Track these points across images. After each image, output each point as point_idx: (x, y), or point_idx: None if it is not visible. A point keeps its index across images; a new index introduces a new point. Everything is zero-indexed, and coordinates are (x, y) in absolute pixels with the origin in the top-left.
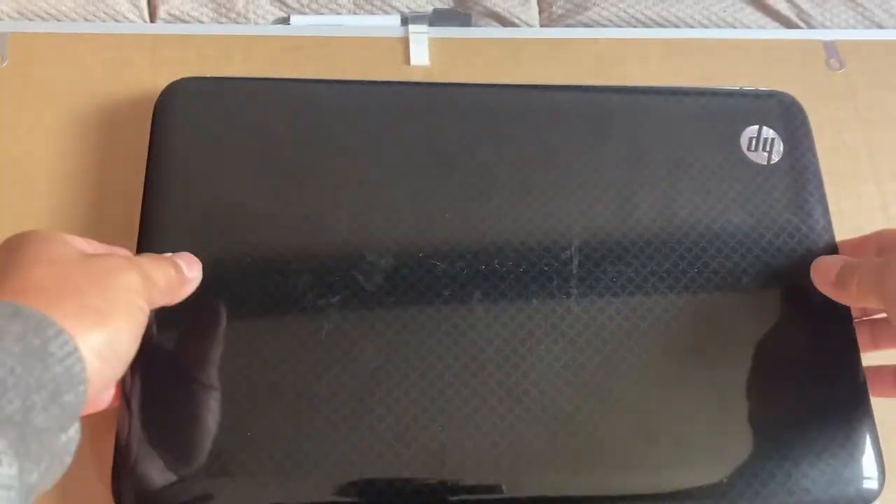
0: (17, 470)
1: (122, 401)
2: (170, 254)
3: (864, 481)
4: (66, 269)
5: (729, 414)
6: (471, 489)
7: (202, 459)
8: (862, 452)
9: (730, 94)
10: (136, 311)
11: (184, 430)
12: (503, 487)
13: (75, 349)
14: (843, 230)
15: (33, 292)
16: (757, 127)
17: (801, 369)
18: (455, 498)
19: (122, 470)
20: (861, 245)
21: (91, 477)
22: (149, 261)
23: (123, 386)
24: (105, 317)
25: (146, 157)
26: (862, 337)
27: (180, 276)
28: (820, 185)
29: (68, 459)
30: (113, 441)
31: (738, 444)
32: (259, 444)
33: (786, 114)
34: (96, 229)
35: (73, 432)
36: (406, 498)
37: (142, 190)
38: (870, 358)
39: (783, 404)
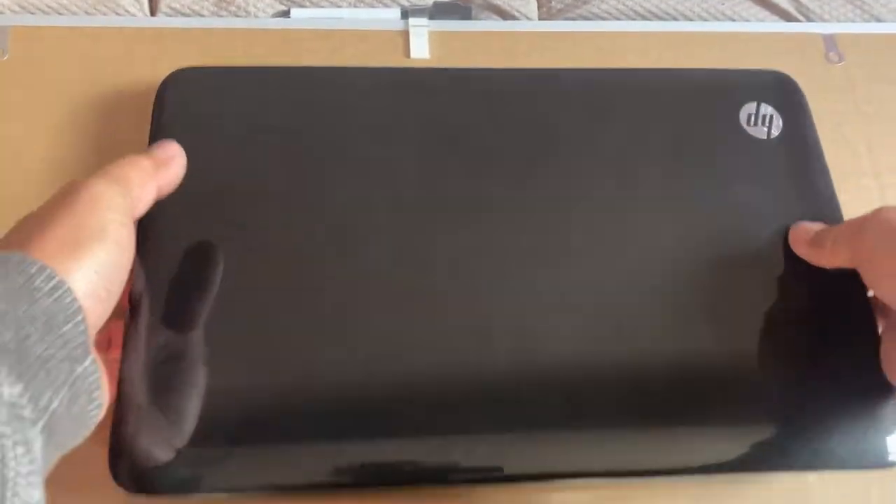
0: (21, 388)
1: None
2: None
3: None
4: (41, 209)
5: (737, 381)
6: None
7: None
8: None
9: (726, 73)
10: (116, 227)
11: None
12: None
13: (63, 282)
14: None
15: (14, 237)
16: (755, 103)
17: (811, 339)
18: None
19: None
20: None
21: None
22: (115, 165)
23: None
24: (79, 247)
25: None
26: None
27: (157, 160)
28: (821, 156)
29: (97, 393)
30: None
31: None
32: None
33: (782, 90)
34: None
35: (90, 364)
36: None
37: None
38: None
39: (795, 373)
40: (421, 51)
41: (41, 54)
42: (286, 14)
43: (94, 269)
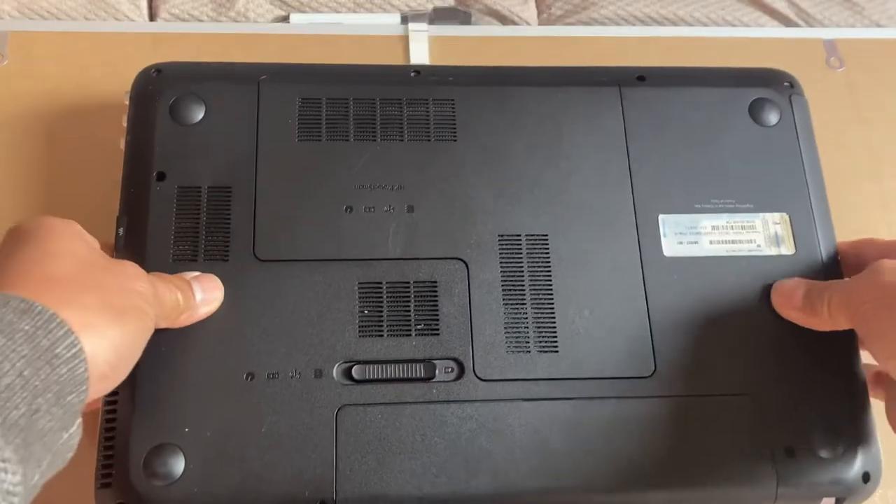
0: (20, 476)
1: None
2: (195, 273)
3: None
4: (88, 263)
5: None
6: None
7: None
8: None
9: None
10: (148, 319)
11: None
12: None
13: (81, 351)
14: (844, 228)
15: (55, 283)
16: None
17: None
18: None
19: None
20: (844, 251)
21: None
22: (161, 279)
23: None
24: (123, 316)
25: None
26: None
27: (187, 302)
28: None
29: (69, 455)
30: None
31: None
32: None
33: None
34: (97, 226)
35: (75, 429)
36: None
37: None
38: None
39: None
40: (421, 56)
41: (40, 59)
42: (286, 19)
43: (126, 335)
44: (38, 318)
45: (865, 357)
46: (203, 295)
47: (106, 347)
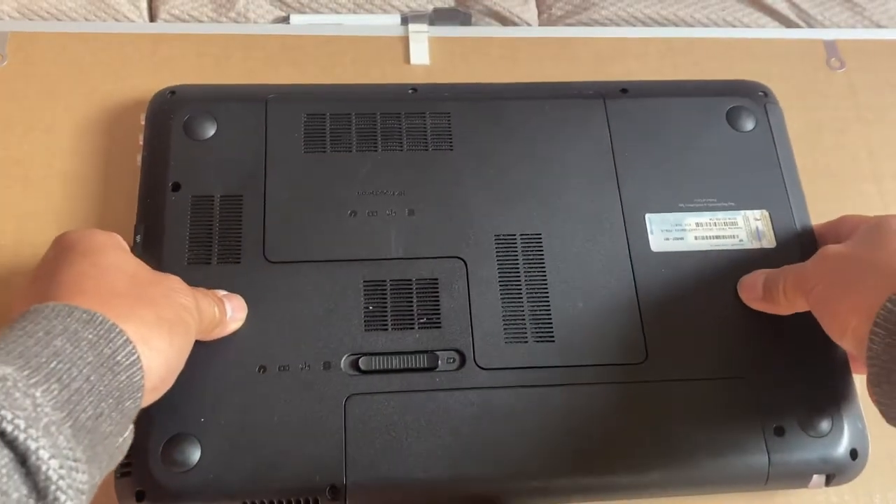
0: (88, 476)
1: None
2: (224, 292)
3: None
4: (137, 278)
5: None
6: None
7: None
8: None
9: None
10: (192, 333)
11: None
12: None
13: (138, 359)
14: None
15: (111, 297)
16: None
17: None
18: None
19: None
20: (824, 232)
21: None
22: (201, 293)
23: None
24: (172, 329)
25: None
26: None
27: (221, 317)
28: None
29: (121, 458)
30: None
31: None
32: None
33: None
34: (97, 227)
35: (128, 434)
36: None
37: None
38: None
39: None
40: (421, 57)
41: (40, 60)
42: (286, 20)
43: (177, 348)
44: (99, 327)
45: None
46: (233, 312)
47: (158, 360)
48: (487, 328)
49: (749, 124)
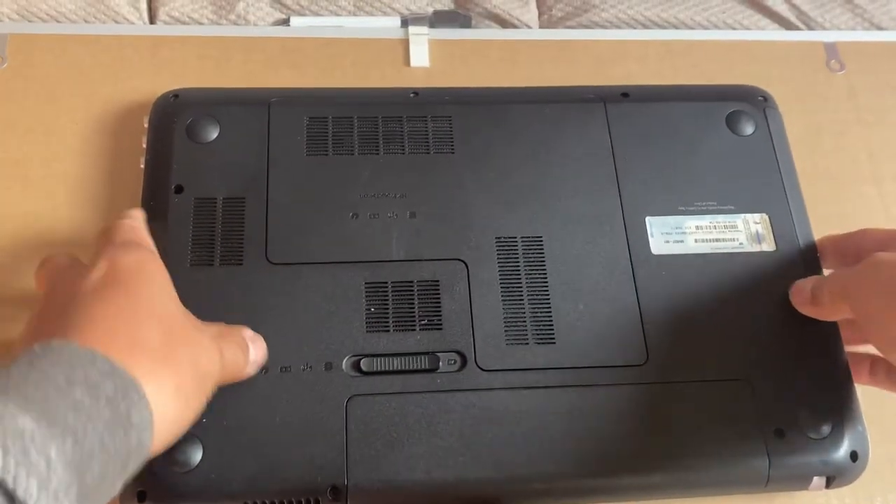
0: None
1: None
2: (251, 332)
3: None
4: (171, 333)
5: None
6: None
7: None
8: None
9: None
10: (208, 393)
11: None
12: None
13: (151, 423)
14: (844, 230)
15: (138, 352)
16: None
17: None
18: None
19: None
20: (842, 243)
21: None
22: (228, 341)
23: None
24: (189, 402)
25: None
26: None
27: (244, 365)
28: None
29: None
30: None
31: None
32: None
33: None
34: (97, 229)
35: (118, 491)
36: None
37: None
38: None
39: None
40: (421, 59)
41: (40, 62)
42: (286, 22)
43: (176, 426)
44: (119, 381)
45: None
46: (255, 357)
47: (169, 429)
48: (488, 330)
49: (749, 128)
